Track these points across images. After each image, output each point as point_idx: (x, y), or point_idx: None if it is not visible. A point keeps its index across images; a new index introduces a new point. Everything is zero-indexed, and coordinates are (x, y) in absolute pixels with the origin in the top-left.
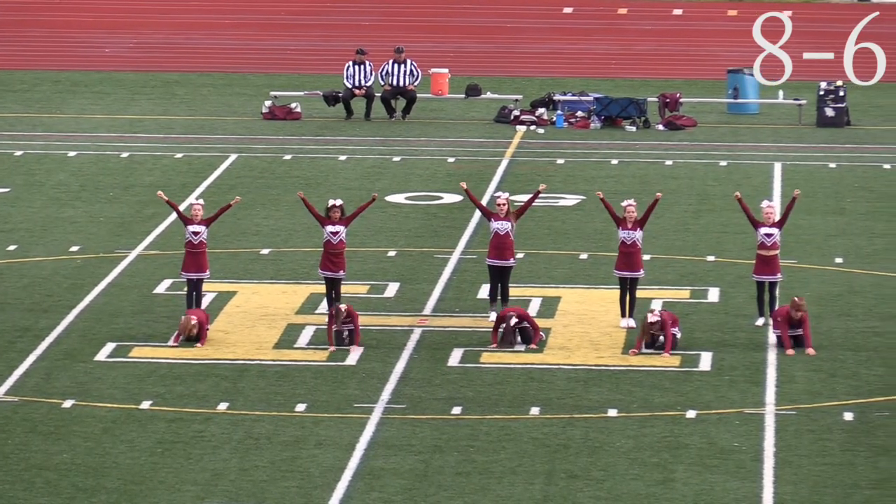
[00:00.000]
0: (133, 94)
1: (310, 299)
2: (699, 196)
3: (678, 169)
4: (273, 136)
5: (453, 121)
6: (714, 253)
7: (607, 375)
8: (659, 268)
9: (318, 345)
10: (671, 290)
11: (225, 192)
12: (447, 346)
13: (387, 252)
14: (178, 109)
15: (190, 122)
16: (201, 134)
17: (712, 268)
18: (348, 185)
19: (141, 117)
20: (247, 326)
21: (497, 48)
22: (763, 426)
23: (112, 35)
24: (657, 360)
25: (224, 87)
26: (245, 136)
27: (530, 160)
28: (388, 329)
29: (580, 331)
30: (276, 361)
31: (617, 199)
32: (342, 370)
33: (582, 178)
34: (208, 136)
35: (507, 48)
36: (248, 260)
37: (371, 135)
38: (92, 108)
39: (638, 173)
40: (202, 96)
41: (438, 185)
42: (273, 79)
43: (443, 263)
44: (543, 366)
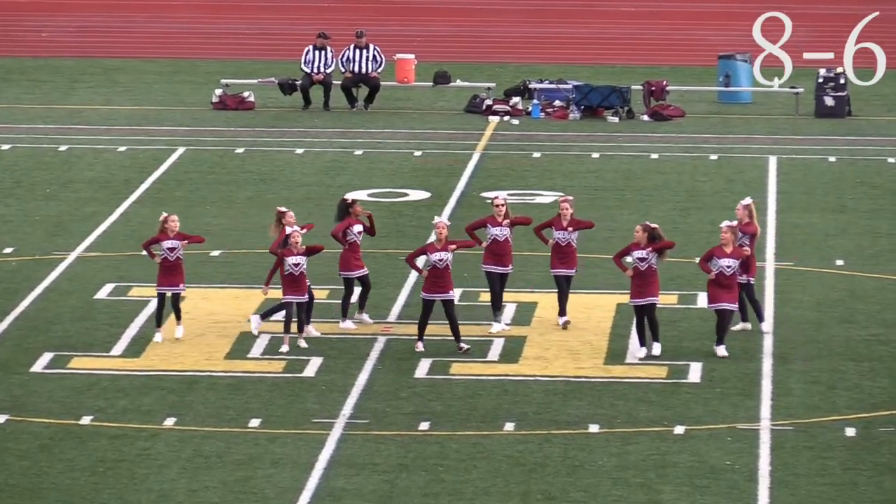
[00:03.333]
0: (72, 82)
1: (264, 305)
2: (687, 192)
3: (665, 163)
4: (224, 127)
5: (420, 111)
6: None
7: (588, 388)
8: None
9: (273, 355)
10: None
11: (172, 189)
12: (414, 356)
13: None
14: (120, 99)
15: (134, 113)
16: (146, 125)
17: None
18: (305, 180)
19: (80, 107)
20: (196, 335)
21: (468, 32)
22: (757, 443)
23: (49, 18)
24: (642, 370)
25: (171, 75)
26: (194, 127)
27: (504, 154)
28: (349, 338)
29: (558, 339)
30: (227, 373)
31: (599, 196)
32: (300, 382)
33: (560, 173)
34: (154, 127)
35: (478, 32)
36: (197, 262)
37: (330, 126)
38: (27, 97)
39: (621, 168)
40: (147, 84)
41: (404, 181)
42: (224, 65)
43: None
44: (518, 378)
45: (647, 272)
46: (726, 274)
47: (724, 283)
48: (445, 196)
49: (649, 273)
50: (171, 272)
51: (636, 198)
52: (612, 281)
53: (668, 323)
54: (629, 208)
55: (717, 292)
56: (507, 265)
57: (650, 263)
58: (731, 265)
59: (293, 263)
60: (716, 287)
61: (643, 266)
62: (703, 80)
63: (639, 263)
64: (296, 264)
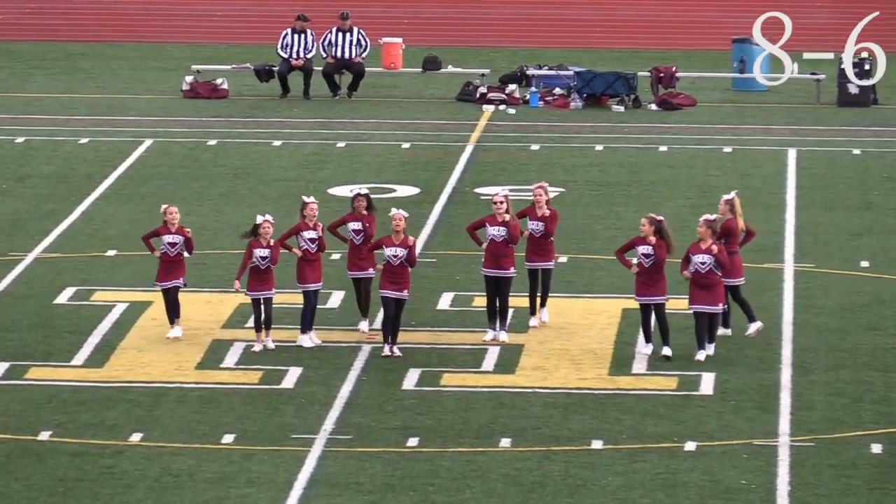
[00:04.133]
0: (30, 67)
1: (238, 311)
2: (699, 188)
3: (674, 156)
4: (195, 117)
5: (408, 99)
6: None
7: (591, 400)
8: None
9: (248, 365)
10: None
11: (138, 184)
12: (401, 365)
13: (329, 255)
14: (83, 86)
15: (97, 102)
16: (110, 115)
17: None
18: (284, 175)
19: (39, 96)
20: (164, 343)
21: (460, 13)
22: (776, 460)
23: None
24: (650, 382)
25: (138, 60)
26: (162, 117)
27: (499, 146)
28: (331, 346)
29: (559, 347)
30: (198, 384)
31: (603, 192)
32: (277, 395)
33: (560, 167)
34: (118, 117)
35: (471, 14)
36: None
37: (311, 116)
38: None
39: (627, 161)
40: (111, 71)
41: (391, 176)
42: (195, 50)
43: None
44: (516, 389)
45: (654, 268)
46: (700, 272)
47: (701, 283)
48: (436, 192)
49: (655, 269)
50: (172, 268)
51: (643, 193)
52: (616, 284)
53: (678, 330)
54: (635, 205)
55: (693, 292)
56: (508, 268)
57: (710, 267)
58: (704, 262)
59: (260, 256)
60: (693, 287)
61: (648, 262)
62: (716, 66)
63: (644, 259)
64: (263, 257)
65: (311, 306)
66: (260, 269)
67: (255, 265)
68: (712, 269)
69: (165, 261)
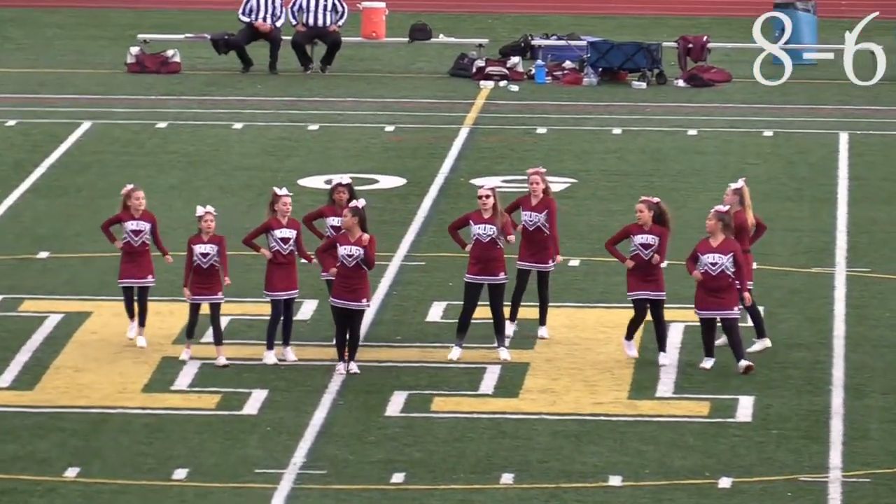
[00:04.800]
0: None
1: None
2: (734, 177)
3: (705, 141)
4: (142, 95)
5: (392, 74)
6: (756, 259)
7: (608, 429)
8: (679, 278)
9: (204, 386)
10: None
11: (75, 174)
12: (385, 387)
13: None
14: (11, 59)
15: (27, 77)
16: (43, 93)
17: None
18: (246, 162)
19: None
20: (106, 361)
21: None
22: (825, 498)
23: None
24: (677, 407)
25: (75, 28)
26: (103, 95)
27: (500, 129)
28: (302, 365)
29: (570, 366)
30: (145, 410)
31: (622, 183)
32: (238, 421)
33: (571, 154)
34: (52, 95)
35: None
36: (107, 268)
37: (278, 93)
38: None
39: (649, 147)
40: (45, 41)
41: (372, 164)
42: (142, 16)
43: (379, 272)
44: (519, 415)
45: (652, 262)
46: (711, 273)
47: (710, 286)
48: (425, 183)
49: (653, 262)
50: (136, 260)
51: (669, 185)
52: None
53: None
54: (660, 197)
55: (700, 296)
56: (497, 273)
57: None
58: (716, 262)
59: (201, 253)
60: (701, 290)
61: (648, 254)
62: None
63: (641, 251)
64: (204, 254)
65: (277, 317)
66: (202, 268)
67: (197, 264)
68: (725, 270)
69: (129, 252)
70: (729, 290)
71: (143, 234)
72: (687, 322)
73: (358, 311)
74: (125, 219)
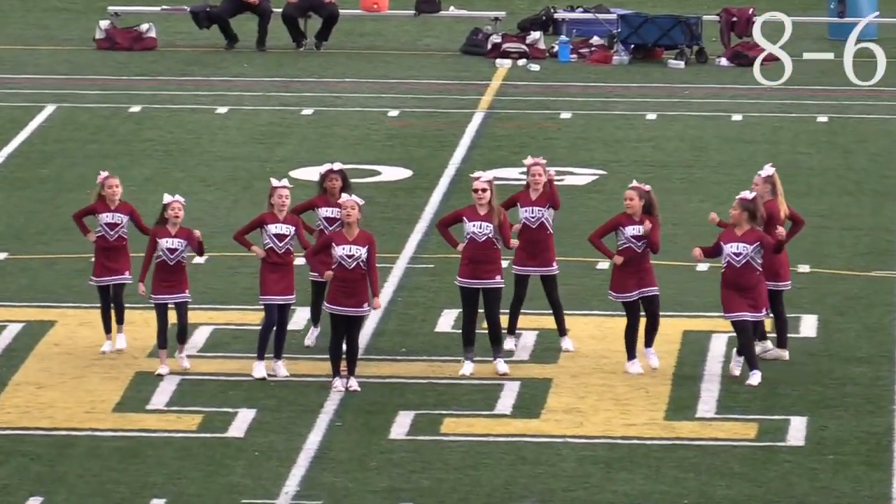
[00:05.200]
0: None
1: (169, 332)
2: (784, 170)
3: (750, 127)
4: (113, 75)
5: (397, 52)
6: (809, 261)
7: (642, 454)
8: None
9: (184, 405)
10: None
11: (37, 165)
12: (389, 407)
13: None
14: None
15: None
16: (4, 73)
17: (807, 284)
18: (231, 152)
19: None
20: (72, 376)
21: None
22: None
23: None
24: (720, 429)
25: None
26: (69, 75)
27: (518, 114)
28: (295, 381)
29: (599, 382)
30: (117, 432)
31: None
32: (222, 446)
33: (600, 142)
34: (11, 76)
35: None
36: (73, 270)
37: (267, 73)
38: None
39: (688, 134)
40: (2, 14)
41: (374, 154)
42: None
43: (382, 276)
44: (541, 438)
45: (645, 254)
46: (735, 265)
47: (736, 282)
48: (433, 175)
49: (647, 255)
50: (112, 256)
51: (709, 177)
52: (675, 297)
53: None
54: (700, 192)
55: (728, 296)
56: (493, 277)
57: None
58: (739, 252)
59: (168, 248)
60: (726, 289)
61: (641, 246)
62: (808, 8)
63: (633, 244)
64: (171, 250)
65: (270, 325)
66: (168, 265)
67: (162, 260)
68: (751, 261)
69: (103, 247)
70: (757, 289)
71: (119, 227)
72: (731, 333)
73: (358, 319)
74: (100, 210)
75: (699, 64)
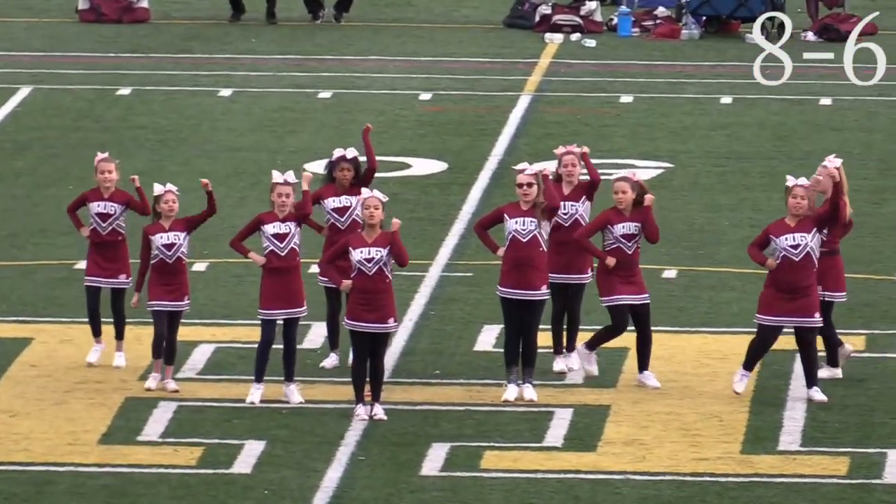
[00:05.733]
0: None
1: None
2: (882, 161)
3: (842, 112)
4: (99, 52)
5: (430, 25)
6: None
7: (715, 492)
8: None
9: (182, 436)
10: None
11: (11, 154)
12: (420, 438)
13: (307, 266)
14: None
15: None
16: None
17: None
18: (235, 142)
19: None
20: (52, 402)
21: None
22: None
23: None
24: (807, 464)
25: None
26: (48, 52)
27: (571, 98)
28: (312, 407)
29: (664, 410)
30: (104, 467)
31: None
32: (227, 483)
33: (666, 129)
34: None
35: None
36: (53, 279)
37: (278, 50)
38: None
39: (769, 120)
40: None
41: (403, 144)
42: None
43: (412, 286)
44: (597, 475)
45: (636, 256)
46: (793, 260)
47: (790, 283)
48: (472, 168)
49: (637, 256)
50: (107, 253)
51: (794, 170)
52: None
53: (851, 379)
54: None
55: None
56: (538, 287)
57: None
58: (798, 244)
59: (164, 245)
60: (772, 289)
61: (632, 246)
62: None
63: (623, 244)
64: (168, 245)
65: (266, 342)
66: (167, 264)
67: (160, 259)
68: (811, 253)
69: (96, 242)
70: (812, 290)
71: (112, 218)
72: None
73: (382, 336)
74: (91, 199)
75: (782, 39)
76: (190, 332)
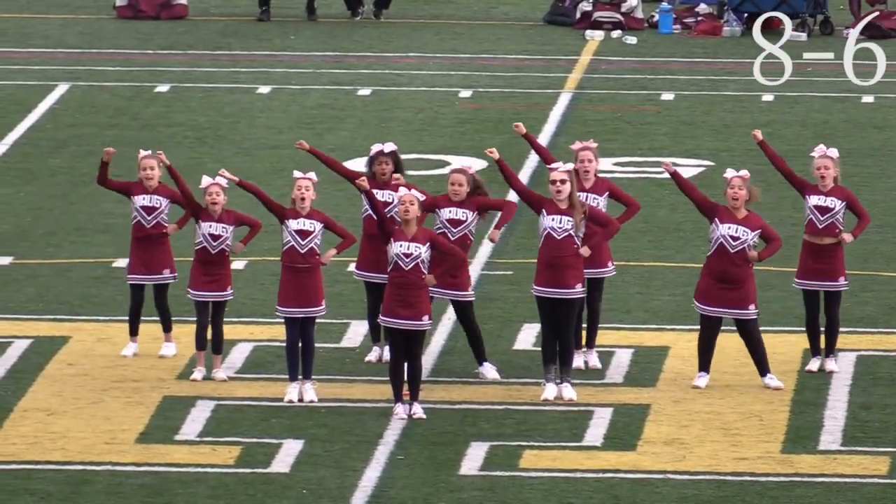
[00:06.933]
0: None
1: None
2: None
3: (886, 111)
4: (136, 49)
5: (469, 22)
6: None
7: (755, 492)
8: (849, 294)
9: (220, 435)
10: (867, 335)
11: (47, 153)
12: (459, 438)
13: (347, 265)
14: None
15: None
16: (7, 46)
17: None
18: (274, 139)
19: None
20: (89, 401)
21: None
22: None
23: None
24: (847, 463)
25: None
26: (86, 49)
27: (611, 95)
28: (349, 406)
29: (705, 409)
30: (141, 466)
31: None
32: (265, 482)
33: (707, 127)
34: (17, 49)
35: None
36: (91, 278)
37: (317, 47)
38: None
39: (810, 119)
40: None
41: (442, 142)
42: None
43: None
44: (637, 474)
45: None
46: (728, 249)
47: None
48: (512, 165)
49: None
50: (151, 250)
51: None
52: (794, 310)
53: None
54: None
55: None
56: (572, 285)
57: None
58: (739, 237)
59: (209, 234)
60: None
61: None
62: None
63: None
64: (214, 236)
65: (292, 342)
66: (209, 254)
67: (203, 247)
68: (745, 249)
69: (139, 237)
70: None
71: (158, 212)
72: (860, 351)
73: (417, 334)
74: (136, 192)
75: (824, 36)
76: (228, 330)
